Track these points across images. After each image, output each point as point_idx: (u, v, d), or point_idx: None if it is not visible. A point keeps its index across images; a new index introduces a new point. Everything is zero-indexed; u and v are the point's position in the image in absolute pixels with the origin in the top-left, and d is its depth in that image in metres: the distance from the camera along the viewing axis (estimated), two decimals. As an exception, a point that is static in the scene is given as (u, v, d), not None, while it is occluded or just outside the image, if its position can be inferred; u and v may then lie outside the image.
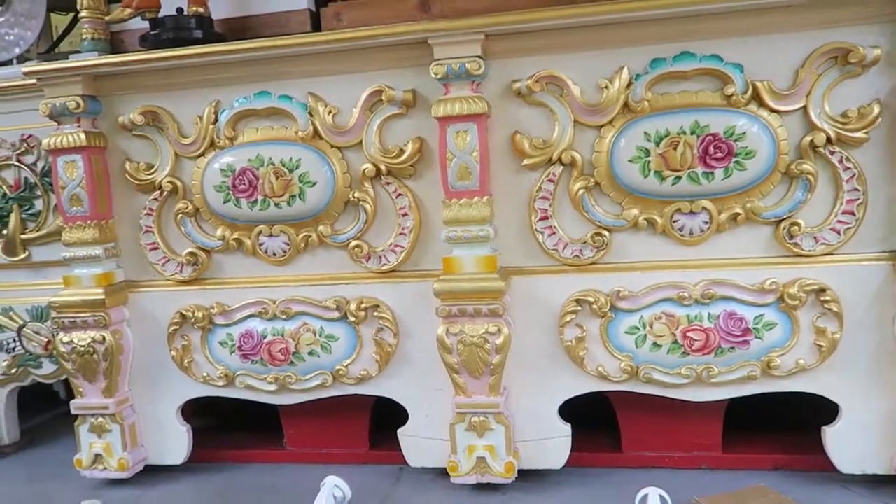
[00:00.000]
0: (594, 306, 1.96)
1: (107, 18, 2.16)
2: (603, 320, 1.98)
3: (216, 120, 2.11)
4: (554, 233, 1.99)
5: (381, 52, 2.00)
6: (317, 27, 2.23)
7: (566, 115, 1.94)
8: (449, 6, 2.14)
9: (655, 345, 1.95)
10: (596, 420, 2.19)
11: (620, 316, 1.97)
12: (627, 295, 1.95)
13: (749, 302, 1.89)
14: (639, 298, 1.95)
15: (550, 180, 1.97)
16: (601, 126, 1.93)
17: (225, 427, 2.60)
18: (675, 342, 1.93)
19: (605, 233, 1.96)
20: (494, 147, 1.99)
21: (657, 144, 1.87)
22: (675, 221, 1.92)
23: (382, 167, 2.04)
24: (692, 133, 1.84)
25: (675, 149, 1.85)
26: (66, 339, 2.18)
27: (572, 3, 1.98)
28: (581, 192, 1.95)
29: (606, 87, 1.90)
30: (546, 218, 1.99)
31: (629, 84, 1.89)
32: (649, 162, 1.88)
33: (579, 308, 1.99)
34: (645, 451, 2.16)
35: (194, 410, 2.42)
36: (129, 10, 2.07)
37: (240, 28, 2.24)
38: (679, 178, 1.87)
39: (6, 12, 2.43)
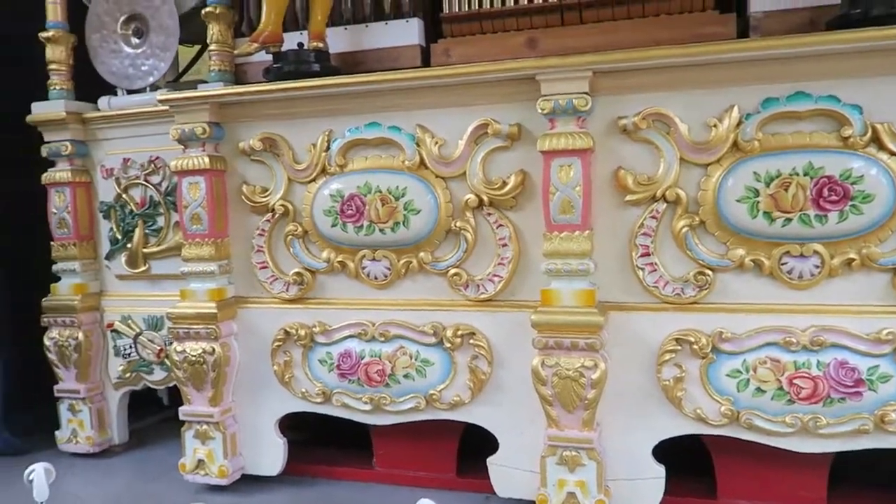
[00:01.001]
0: (695, 346, 1.93)
1: (235, 52, 2.32)
2: (703, 361, 1.94)
3: (328, 148, 2.23)
4: (655, 269, 1.98)
5: (489, 86, 2.07)
6: (426, 62, 2.31)
7: (672, 152, 1.93)
8: (555, 43, 2.18)
9: (759, 390, 1.89)
10: (689, 464, 2.13)
11: (722, 358, 1.93)
12: (730, 337, 1.91)
13: (863, 352, 1.82)
14: (742, 341, 1.91)
15: (653, 217, 1.96)
16: (708, 164, 1.91)
17: (316, 441, 2.68)
18: (780, 389, 1.87)
19: (709, 272, 1.93)
20: (597, 182, 2.00)
21: (767, 185, 1.83)
22: (783, 264, 1.87)
23: (485, 198, 2.09)
24: (805, 175, 1.80)
25: (786, 190, 1.81)
26: (179, 349, 2.32)
27: (680, 41, 2.01)
28: (685, 230, 1.93)
29: (715, 126, 1.89)
30: (647, 254, 1.98)
31: (739, 123, 1.87)
32: (758, 202, 1.85)
33: (679, 347, 1.96)
34: (742, 500, 2.08)
35: (288, 423, 2.51)
36: (255, 45, 2.22)
37: (354, 62, 2.35)
38: (790, 220, 1.82)
39: (143, 44, 2.65)
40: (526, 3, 2.19)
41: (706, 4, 2.09)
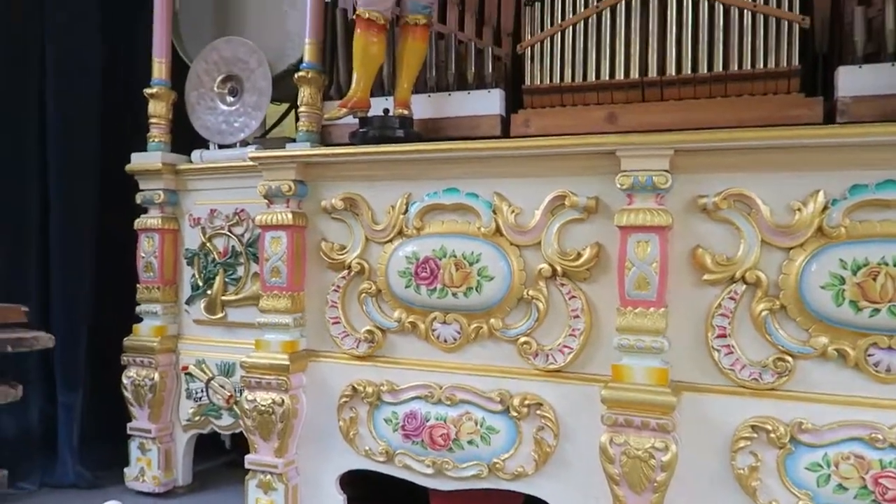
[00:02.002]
0: (772, 435, 1.86)
1: (325, 117, 2.44)
2: (781, 451, 1.87)
3: (407, 210, 2.29)
4: (731, 352, 1.93)
5: (568, 159, 2.10)
6: (506, 131, 2.37)
7: (753, 233, 1.91)
8: (636, 119, 2.20)
9: (841, 487, 1.80)
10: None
11: (801, 450, 1.85)
12: (810, 428, 1.84)
13: (957, 455, 1.72)
14: (823, 433, 1.83)
15: (732, 298, 1.93)
16: (791, 248, 1.88)
17: (372, 497, 2.67)
18: (864, 487, 1.78)
19: (789, 358, 1.87)
20: (674, 259, 1.99)
21: (854, 273, 1.79)
22: (869, 356, 1.80)
23: (558, 268, 2.10)
24: (895, 265, 1.75)
25: (874, 279, 1.76)
26: (250, 398, 2.38)
27: (764, 122, 2.01)
28: (764, 313, 1.89)
29: (799, 210, 1.86)
30: (724, 336, 1.94)
31: (825, 208, 1.84)
32: (844, 290, 1.80)
33: (755, 435, 1.89)
34: None
35: (347, 477, 2.51)
36: (344, 110, 2.33)
37: (436, 128, 2.43)
38: (878, 310, 1.77)
39: (237, 103, 2.81)
40: (607, 78, 2.23)
41: (791, 87, 2.08)
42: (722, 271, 1.93)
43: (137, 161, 2.81)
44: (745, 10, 2.09)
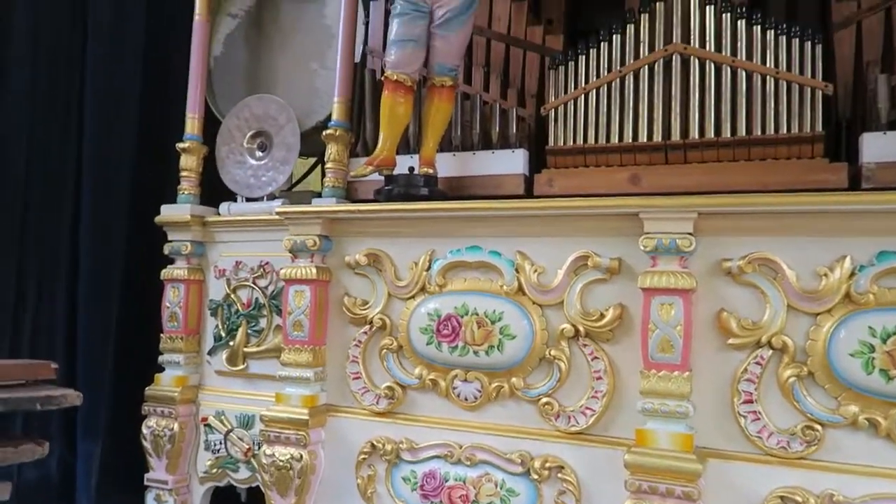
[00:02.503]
0: (802, 507, 1.81)
1: (351, 174, 2.49)
2: (812, 524, 1.81)
3: (430, 267, 2.30)
4: (758, 418, 1.90)
5: (591, 220, 2.11)
6: (529, 190, 2.39)
7: (779, 298, 1.89)
8: (659, 181, 2.22)
9: (874, 562, 1.74)
10: None
11: (833, 523, 1.79)
12: (842, 501, 1.78)
13: None
14: (857, 506, 1.78)
15: (758, 363, 1.90)
16: (818, 314, 1.86)
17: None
18: (900, 565, 1.71)
19: (818, 427, 1.83)
20: (698, 322, 1.97)
21: (884, 341, 1.76)
22: (902, 426, 1.76)
23: (581, 329, 2.09)
24: (926, 334, 1.72)
25: (905, 348, 1.73)
26: (268, 452, 2.37)
27: (788, 186, 2.01)
28: (792, 379, 1.86)
29: (825, 275, 1.85)
30: (750, 402, 1.90)
31: (852, 274, 1.83)
32: (874, 359, 1.76)
33: (784, 506, 1.84)
34: None
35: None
36: (370, 168, 2.37)
37: (460, 186, 2.46)
38: (909, 380, 1.73)
39: (266, 157, 2.88)
40: (630, 140, 2.26)
41: (815, 152, 2.09)
42: (748, 336, 1.91)
43: (167, 213, 2.87)
44: (768, 77, 2.12)
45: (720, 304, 1.96)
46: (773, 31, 2.14)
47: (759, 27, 2.16)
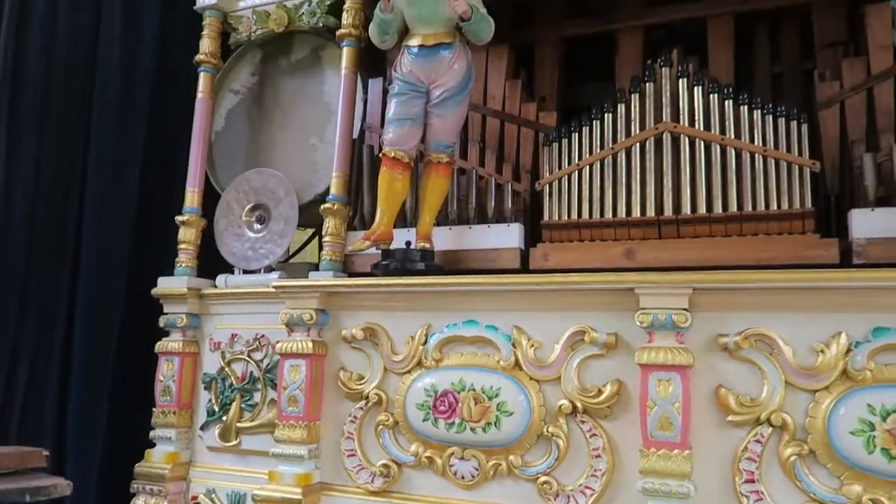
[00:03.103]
0: None
1: (349, 249, 2.51)
2: None
3: (426, 342, 2.29)
4: (761, 499, 1.86)
5: (587, 295, 2.12)
6: (525, 263, 2.41)
7: (776, 375, 1.89)
8: (653, 255, 2.25)
9: None
10: None
11: None
12: (843, 586, 1.73)
13: None
14: (856, 593, 1.72)
15: (758, 441, 1.88)
16: (816, 391, 1.85)
17: None
18: None
19: (822, 508, 1.80)
20: (697, 398, 1.96)
21: (883, 419, 1.75)
22: (908, 508, 1.73)
23: (579, 405, 2.07)
24: (926, 412, 1.71)
25: (905, 427, 1.72)
26: (260, 533, 2.30)
27: (780, 261, 2.04)
28: (793, 458, 1.83)
29: (822, 352, 1.85)
30: (752, 481, 1.87)
31: (848, 350, 1.83)
32: (874, 437, 1.75)
33: (790, 592, 1.78)
34: None
35: None
36: (367, 243, 2.40)
37: (456, 259, 2.48)
38: (912, 460, 1.71)
39: (264, 230, 2.91)
40: (624, 215, 2.29)
41: (806, 227, 2.12)
42: (747, 413, 1.90)
43: (164, 285, 2.87)
44: (757, 155, 2.17)
45: (718, 380, 1.95)
46: (759, 111, 2.21)
47: (745, 107, 2.23)
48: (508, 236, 2.43)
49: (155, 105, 3.37)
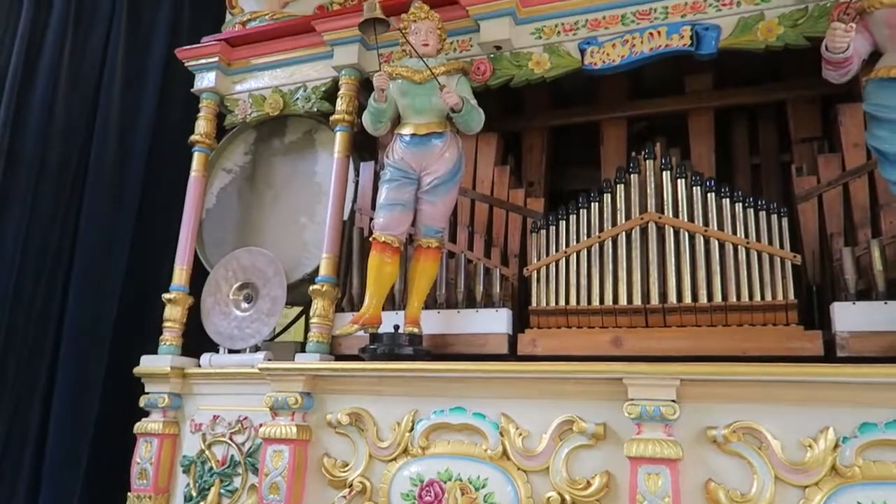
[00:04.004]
0: None
1: (336, 333, 2.50)
2: None
3: (412, 428, 2.27)
4: None
5: (575, 384, 2.12)
6: (513, 349, 2.41)
7: (766, 469, 1.88)
8: (640, 344, 2.26)
9: None
10: None
11: None
12: None
13: None
14: None
15: (750, 539, 1.85)
16: (806, 486, 1.84)
17: None
18: None
19: None
20: (687, 492, 1.94)
21: (875, 518, 1.73)
22: None
23: (567, 497, 2.04)
24: (917, 515, 1.70)
25: (897, 525, 1.70)
26: None
27: (766, 352, 2.06)
28: (786, 557, 1.80)
29: (810, 447, 1.85)
30: (745, 581, 1.83)
31: (836, 446, 1.83)
32: (868, 536, 1.73)
33: None
34: None
35: None
36: (355, 327, 2.39)
37: (444, 343, 2.48)
38: (905, 561, 1.69)
39: (251, 309, 2.90)
40: (611, 303, 2.32)
41: (790, 319, 2.16)
42: (737, 509, 1.87)
43: (147, 364, 2.83)
44: (739, 246, 2.23)
45: (708, 474, 1.94)
46: (741, 204, 2.28)
47: (727, 200, 2.30)
48: (497, 322, 2.44)
49: (148, 183, 3.40)
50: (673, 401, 1.95)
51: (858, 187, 2.32)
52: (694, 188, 2.35)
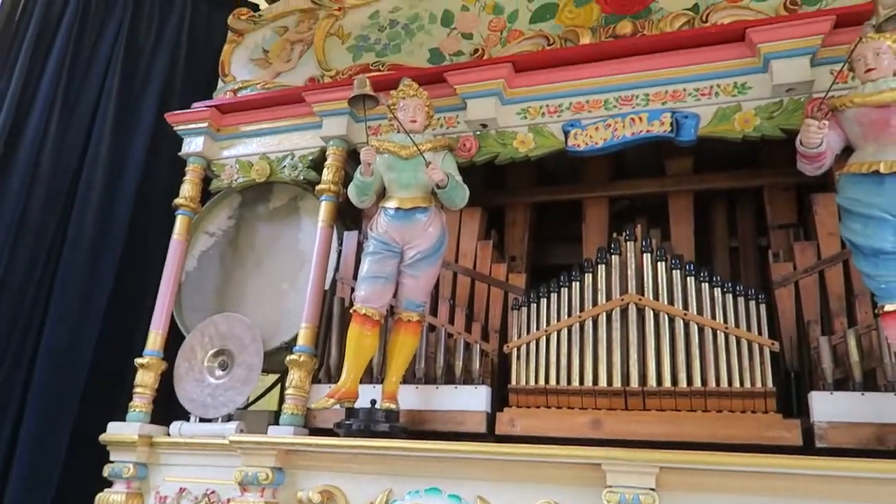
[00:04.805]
0: None
1: (312, 406, 2.45)
2: None
3: (386, 509, 2.20)
4: None
5: (554, 467, 2.08)
6: (491, 427, 2.37)
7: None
8: (619, 427, 2.24)
9: None
10: None
11: None
12: None
13: None
14: None
15: None
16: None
17: None
18: None
19: None
20: (666, 586, 1.89)
21: None
22: None
23: (544, 587, 1.97)
24: None
25: None
26: None
27: (744, 439, 2.04)
28: None
29: (791, 541, 1.82)
30: None
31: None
32: None
33: None
34: None
35: None
36: (331, 401, 2.34)
37: (421, 420, 2.44)
38: None
39: (226, 377, 2.84)
40: (591, 384, 2.30)
41: (768, 406, 2.15)
42: None
43: (114, 431, 2.74)
44: (719, 331, 2.24)
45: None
46: (720, 289, 2.30)
47: (707, 284, 2.32)
48: (476, 399, 2.41)
49: (128, 246, 3.38)
50: (652, 489, 1.92)
51: (834, 276, 2.36)
52: (674, 271, 2.37)
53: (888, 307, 1.95)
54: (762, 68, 2.40)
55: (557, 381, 2.34)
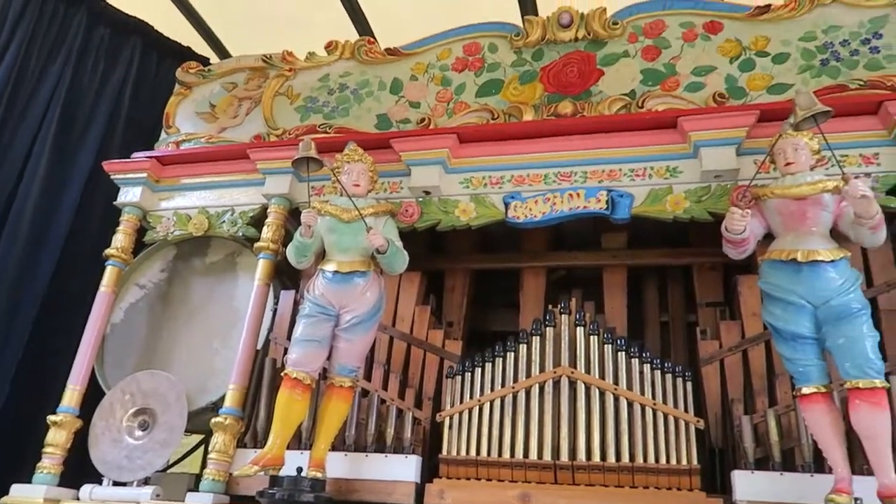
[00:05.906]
0: None
1: (235, 474, 2.36)
2: None
3: (306, 587, 2.11)
4: None
5: (481, 543, 2.04)
6: (420, 499, 2.32)
7: None
8: (549, 501, 2.23)
9: None
10: None
11: None
12: None
13: None
14: None
15: None
16: None
17: None
18: None
19: None
20: None
21: None
22: None
23: None
24: None
25: None
26: None
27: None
28: None
29: None
30: None
31: None
32: None
33: None
34: None
35: None
36: (255, 468, 2.24)
37: (349, 489, 2.37)
38: None
39: (146, 437, 2.70)
40: (521, 457, 2.30)
41: (693, 484, 2.18)
42: None
43: (18, 494, 2.56)
44: (647, 407, 2.28)
45: None
46: (649, 365, 2.35)
47: (637, 359, 2.38)
48: (405, 469, 2.37)
49: (52, 293, 3.24)
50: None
51: (757, 355, 2.45)
52: (606, 346, 2.42)
53: (805, 390, 2.03)
54: (692, 154, 2.53)
55: (489, 453, 2.33)
